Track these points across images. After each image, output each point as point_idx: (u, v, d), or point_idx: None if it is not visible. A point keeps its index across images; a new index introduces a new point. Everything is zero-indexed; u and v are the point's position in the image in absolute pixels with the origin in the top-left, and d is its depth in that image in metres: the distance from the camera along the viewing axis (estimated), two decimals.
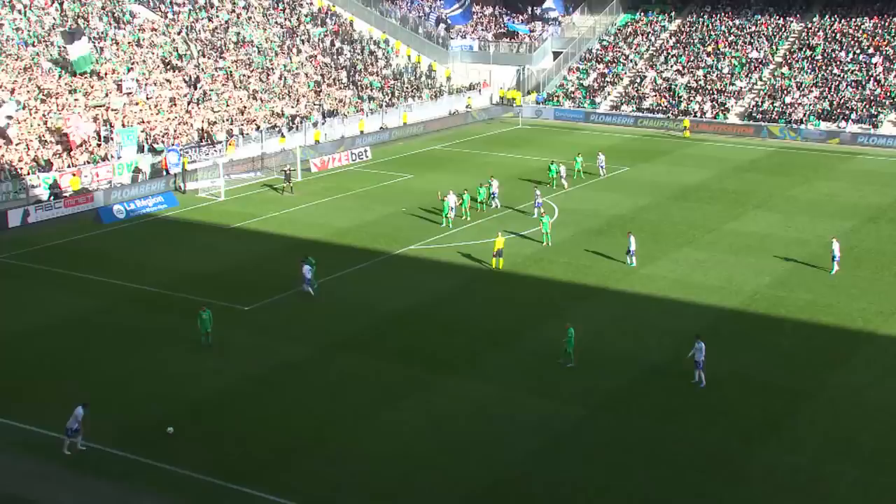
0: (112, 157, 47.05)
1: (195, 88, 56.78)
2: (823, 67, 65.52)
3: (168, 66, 57.35)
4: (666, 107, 66.65)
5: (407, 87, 69.42)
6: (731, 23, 72.73)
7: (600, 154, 51.28)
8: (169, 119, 52.34)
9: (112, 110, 51.01)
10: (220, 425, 23.42)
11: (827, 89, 63.64)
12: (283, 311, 30.77)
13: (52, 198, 42.91)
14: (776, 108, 63.29)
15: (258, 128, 55.14)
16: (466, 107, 70.77)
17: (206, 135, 51.87)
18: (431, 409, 24.21)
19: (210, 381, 25.58)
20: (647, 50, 73.24)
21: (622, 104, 68.48)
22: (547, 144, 60.68)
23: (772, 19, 71.90)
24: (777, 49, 68.81)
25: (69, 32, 53.05)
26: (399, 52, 75.38)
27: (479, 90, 74.54)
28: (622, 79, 71.36)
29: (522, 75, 76.04)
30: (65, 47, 53.16)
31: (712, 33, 72.13)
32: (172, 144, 49.46)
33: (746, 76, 67.10)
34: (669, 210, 43.50)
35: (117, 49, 57.02)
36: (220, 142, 51.71)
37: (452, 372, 26.28)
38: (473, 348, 27.82)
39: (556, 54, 76.52)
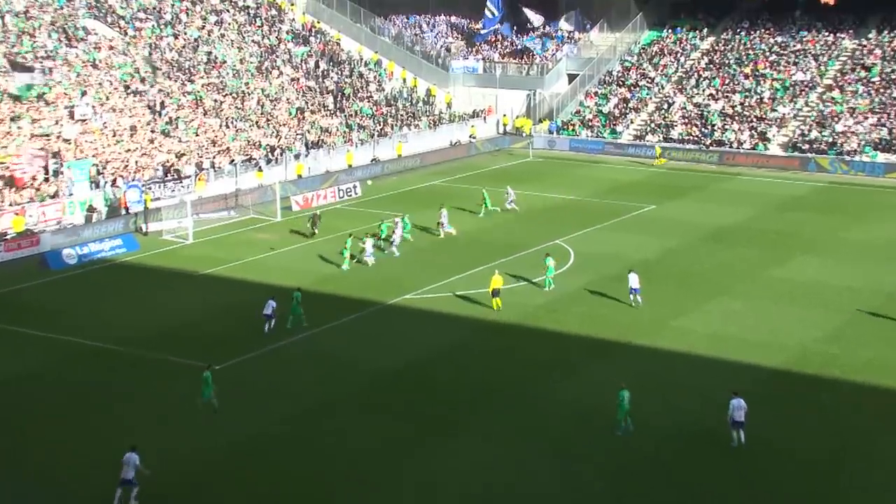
0: (62, 194, 47.62)
1: (159, 115, 57.74)
2: (881, 91, 66.04)
3: (129, 91, 58.24)
4: (697, 136, 67.36)
5: (402, 115, 70.31)
6: (772, 40, 73.58)
7: (509, 189, 51.91)
8: (129, 150, 53.00)
9: (63, 140, 51.61)
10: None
11: (885, 115, 64.09)
12: (260, 369, 30.95)
13: None
14: (825, 138, 63.77)
15: (232, 160, 55.82)
16: (470, 136, 71.61)
17: (171, 168, 52.50)
18: (427, 475, 24.39)
19: (176, 453, 25.67)
20: (676, 72, 74.26)
21: (647, 133, 69.27)
22: (561, 179, 61.19)
23: (820, 36, 72.56)
24: (826, 70, 69.52)
25: (18, 63, 54.11)
26: (392, 74, 76.48)
27: (484, 117, 75.42)
28: (647, 105, 72.23)
29: (533, 100, 76.96)
30: (10, 73, 54.07)
31: (751, 52, 73.06)
32: (133, 179, 50.05)
33: (791, 101, 67.83)
34: (702, 253, 43.88)
35: (69, 70, 57.51)
36: (189, 176, 52.31)
37: (450, 435, 26.48)
38: (475, 409, 28.04)
39: (571, 77, 77.57)
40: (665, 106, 71.02)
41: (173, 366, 31.04)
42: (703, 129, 67.64)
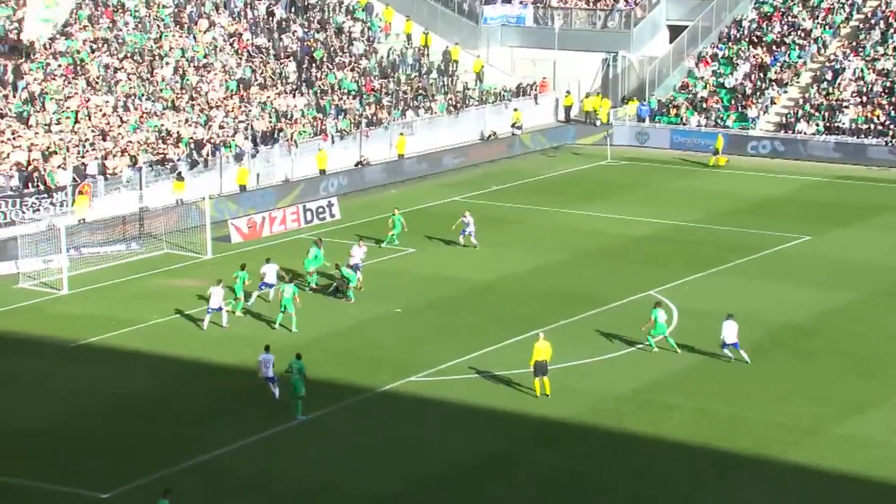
0: None
1: (14, 90, 57.62)
2: None
3: None
4: (884, 125, 66.79)
5: (405, 92, 70.20)
6: None
7: (467, 215, 51.37)
8: None
9: None
10: None
11: None
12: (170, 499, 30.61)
13: None
14: None
15: (134, 162, 55.77)
16: (513, 126, 71.43)
17: (34, 175, 52.46)
18: None
19: None
20: (848, 20, 73.88)
21: (799, 120, 68.88)
22: (657, 193, 60.83)
23: None
24: None
25: None
26: (391, 27, 76.49)
27: (535, 96, 75.15)
28: (799, 74, 71.86)
29: (613, 69, 76.70)
30: None
31: None
32: None
33: None
34: (891, 315, 43.53)
35: None
36: (63, 188, 52.16)
37: None
38: None
39: (674, 30, 77.37)
40: (829, 76, 70.66)
41: (47, 498, 30.65)
42: (893, 113, 67.26)
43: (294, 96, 65.94)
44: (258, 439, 33.66)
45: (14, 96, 57.32)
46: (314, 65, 69.25)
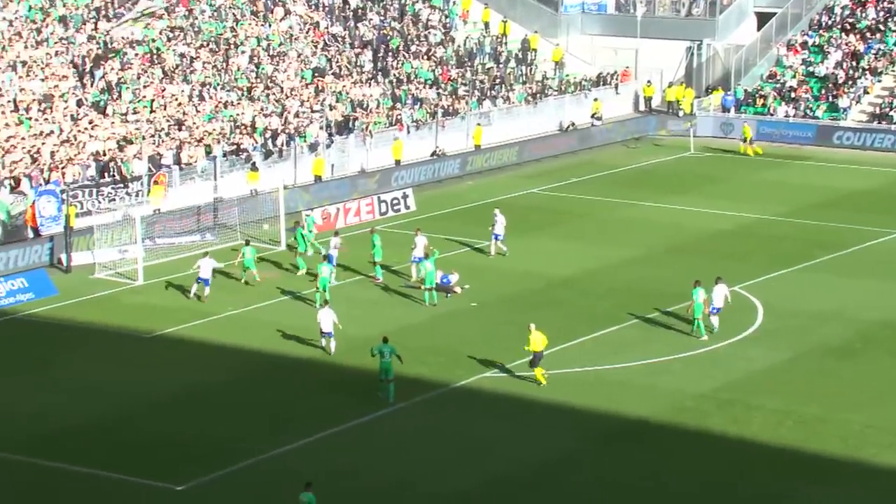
0: None
1: (91, 79, 58.13)
2: None
3: (39, 38, 59.00)
4: None
5: (483, 82, 70.09)
6: None
7: (498, 213, 49.70)
8: (42, 134, 53.40)
9: None
10: None
11: None
12: (245, 492, 30.77)
13: None
14: None
15: (209, 153, 56.22)
16: (593, 116, 71.11)
17: (110, 165, 52.99)
18: None
19: None
20: None
21: (892, 110, 68.13)
22: (741, 187, 60.37)
23: None
24: None
25: None
26: (468, 15, 76.39)
27: (616, 86, 74.77)
28: (894, 62, 71.07)
29: (698, 58, 76.13)
30: None
31: None
32: (47, 182, 50.51)
33: None
34: None
35: None
36: (139, 178, 52.59)
37: None
38: None
39: (762, 17, 76.67)
40: None
41: (100, 478, 30.95)
42: None
43: (370, 86, 66.08)
44: (331, 433, 33.82)
45: (91, 86, 57.85)
46: (390, 54, 69.33)
